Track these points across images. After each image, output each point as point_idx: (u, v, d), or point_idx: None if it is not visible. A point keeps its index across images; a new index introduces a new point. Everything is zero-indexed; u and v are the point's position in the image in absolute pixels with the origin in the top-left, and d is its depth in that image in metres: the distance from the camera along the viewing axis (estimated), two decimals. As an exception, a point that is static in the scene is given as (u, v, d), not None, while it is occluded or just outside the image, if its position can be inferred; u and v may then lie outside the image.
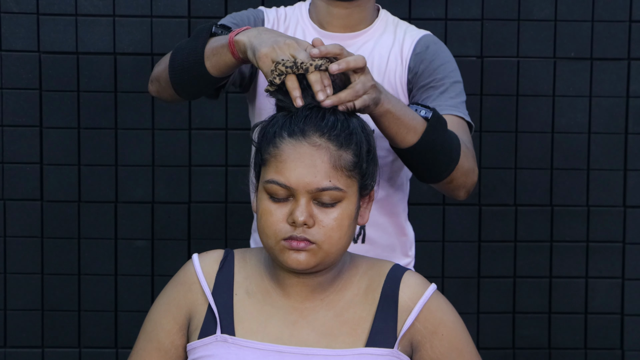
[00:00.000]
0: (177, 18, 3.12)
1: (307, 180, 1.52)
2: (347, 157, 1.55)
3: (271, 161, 1.55)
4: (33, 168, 3.15)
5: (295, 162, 1.53)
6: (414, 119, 1.79)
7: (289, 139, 1.54)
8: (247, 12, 2.12)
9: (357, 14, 2.08)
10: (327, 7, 2.07)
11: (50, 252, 3.17)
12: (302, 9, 2.13)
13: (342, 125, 1.56)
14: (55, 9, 3.11)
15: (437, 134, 1.82)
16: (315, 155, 1.53)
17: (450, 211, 3.20)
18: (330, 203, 1.54)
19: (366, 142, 1.59)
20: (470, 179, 1.96)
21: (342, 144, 1.55)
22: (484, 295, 3.21)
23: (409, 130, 1.78)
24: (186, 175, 3.16)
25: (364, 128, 1.61)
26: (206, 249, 1.76)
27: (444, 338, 1.61)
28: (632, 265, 3.21)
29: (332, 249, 1.56)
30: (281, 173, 1.53)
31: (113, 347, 3.20)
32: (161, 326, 1.66)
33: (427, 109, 1.83)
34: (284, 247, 1.55)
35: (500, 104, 3.17)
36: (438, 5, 3.13)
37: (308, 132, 1.54)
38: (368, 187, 1.61)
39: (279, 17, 2.11)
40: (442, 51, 2.07)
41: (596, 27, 3.15)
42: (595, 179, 3.19)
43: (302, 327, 1.60)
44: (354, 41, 2.07)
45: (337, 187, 1.54)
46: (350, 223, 1.57)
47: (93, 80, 3.12)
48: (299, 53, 1.60)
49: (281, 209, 1.55)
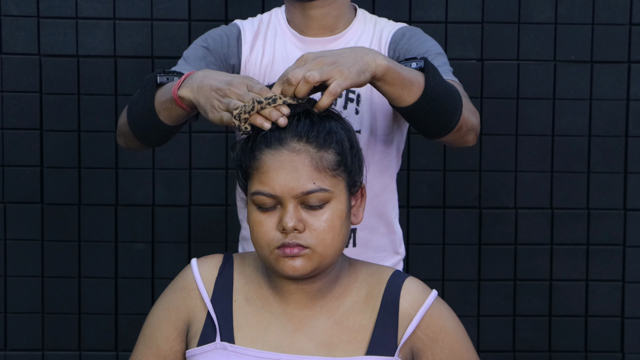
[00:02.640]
0: (178, 21, 3.12)
1: (290, 186, 1.52)
2: (329, 156, 1.55)
3: (254, 174, 1.56)
4: (33, 171, 3.15)
5: (277, 171, 1.53)
6: (411, 71, 1.74)
7: (268, 150, 1.54)
8: (220, 30, 2.11)
9: (334, 12, 2.07)
10: (302, 11, 2.06)
11: (50, 254, 3.17)
12: (279, 16, 2.12)
13: (318, 127, 1.56)
14: (55, 12, 3.11)
15: (437, 79, 1.78)
16: (296, 160, 1.53)
17: (451, 214, 3.20)
18: (319, 205, 1.54)
19: (347, 139, 1.59)
20: (477, 119, 1.91)
21: (321, 145, 1.55)
22: (484, 298, 3.22)
23: (412, 83, 1.73)
24: (186, 178, 3.16)
25: (343, 126, 1.60)
26: (206, 252, 1.76)
27: (444, 345, 1.61)
28: (632, 268, 3.21)
29: (326, 251, 1.55)
30: (265, 183, 1.53)
31: (113, 349, 3.20)
32: (160, 332, 1.66)
33: (417, 60, 1.79)
34: (279, 255, 1.54)
35: (501, 106, 3.17)
36: (438, 8, 3.13)
37: (285, 140, 1.54)
38: (357, 184, 1.61)
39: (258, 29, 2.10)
40: (419, 33, 2.06)
41: (596, 30, 3.15)
42: (596, 181, 3.19)
43: (301, 335, 1.60)
44: (335, 44, 2.07)
45: (322, 188, 1.54)
46: (343, 223, 1.57)
47: (93, 83, 3.12)
48: (244, 95, 1.57)
49: (270, 218, 1.55)
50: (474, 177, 3.19)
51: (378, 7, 3.10)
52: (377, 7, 3.10)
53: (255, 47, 2.08)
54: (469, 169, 3.19)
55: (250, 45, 2.08)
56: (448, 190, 3.19)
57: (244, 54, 2.08)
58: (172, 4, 3.12)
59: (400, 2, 3.13)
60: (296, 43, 2.08)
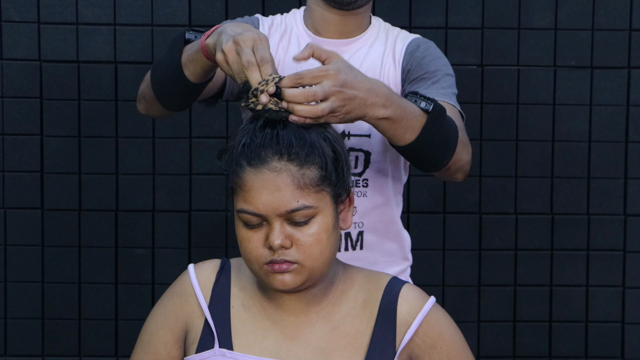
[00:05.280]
0: (178, 27, 3.12)
1: (274, 205, 1.52)
2: (311, 173, 1.53)
3: (238, 191, 1.55)
4: (33, 176, 3.15)
5: (259, 190, 1.52)
6: (413, 117, 1.76)
7: (249, 168, 1.53)
8: (242, 19, 2.13)
9: (353, 21, 2.10)
10: (324, 13, 2.09)
11: (50, 260, 3.17)
12: (296, 16, 2.15)
13: (298, 142, 1.53)
14: (56, 18, 3.11)
15: (436, 126, 1.79)
16: (277, 179, 1.52)
17: (451, 219, 3.20)
18: (304, 220, 1.54)
19: (331, 151, 1.56)
20: (468, 156, 1.96)
21: (303, 162, 1.53)
22: (484, 303, 3.21)
23: (406, 130, 1.75)
24: (187, 184, 3.16)
25: (326, 137, 1.58)
26: (206, 257, 1.76)
27: (442, 352, 1.61)
28: (632, 273, 3.21)
29: (315, 264, 1.55)
30: (249, 202, 1.53)
31: (113, 355, 3.20)
32: (158, 337, 1.66)
33: (428, 101, 1.80)
34: (268, 271, 1.54)
35: (501, 112, 3.17)
36: (438, 14, 3.14)
37: (266, 159, 1.52)
38: (342, 195, 1.60)
39: (274, 24, 2.13)
40: (433, 49, 2.09)
41: (596, 36, 3.15)
42: (596, 187, 3.19)
43: (298, 342, 1.60)
44: (348, 47, 2.09)
45: (306, 205, 1.53)
46: (330, 235, 1.56)
47: (94, 89, 3.13)
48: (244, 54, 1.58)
49: (257, 234, 1.54)
50: (474, 183, 3.19)
51: (378, 13, 3.10)
52: (377, 14, 3.10)
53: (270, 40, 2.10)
54: (469, 174, 3.17)
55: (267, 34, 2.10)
56: (448, 196, 3.19)
57: None
58: (173, 9, 3.13)
59: (400, 8, 3.13)
60: (308, 42, 2.08)
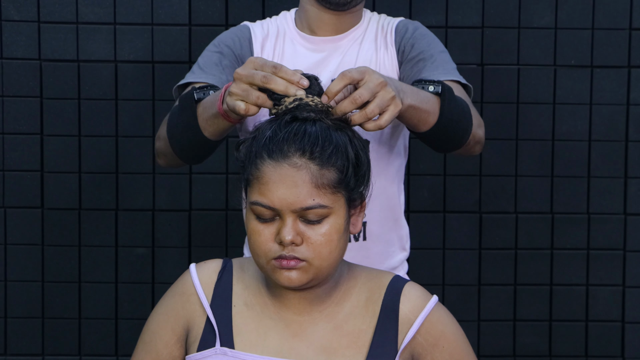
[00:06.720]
0: (178, 26, 3.12)
1: (290, 201, 1.51)
2: (330, 175, 1.53)
3: (254, 182, 1.54)
4: (34, 175, 3.15)
5: (277, 184, 1.51)
6: (428, 100, 1.81)
7: (269, 160, 1.52)
8: (230, 33, 2.14)
9: (349, 19, 2.15)
10: (319, 14, 2.13)
11: (50, 259, 3.17)
12: (287, 19, 2.17)
13: (323, 142, 1.53)
14: (56, 17, 3.11)
15: (451, 105, 1.86)
16: (296, 175, 1.51)
17: (451, 219, 3.20)
18: (317, 220, 1.53)
19: (354, 155, 1.56)
20: (483, 130, 2.02)
21: (324, 162, 1.52)
22: (484, 302, 3.21)
23: (428, 114, 1.81)
24: (187, 183, 3.16)
25: (352, 140, 1.58)
26: (207, 256, 1.76)
27: (444, 350, 1.61)
28: (632, 272, 3.21)
29: (323, 264, 1.55)
30: (264, 195, 1.53)
31: (113, 354, 3.20)
32: (159, 337, 1.66)
33: (435, 84, 1.86)
34: (275, 266, 1.54)
35: (501, 111, 3.17)
36: (438, 13, 3.14)
37: (288, 153, 1.52)
38: (357, 200, 1.59)
39: (267, 31, 2.14)
40: (420, 27, 2.15)
41: (596, 35, 3.15)
42: (596, 186, 3.19)
43: (301, 340, 1.60)
44: (343, 42, 2.13)
45: (321, 204, 1.52)
46: (340, 236, 1.56)
47: (94, 88, 3.13)
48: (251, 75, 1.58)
49: (269, 228, 1.54)
50: (474, 182, 3.19)
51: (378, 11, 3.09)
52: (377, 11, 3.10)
53: (265, 47, 2.12)
54: (469, 173, 3.19)
55: (261, 45, 2.13)
56: (448, 195, 3.20)
57: (256, 54, 2.11)
58: (173, 9, 3.13)
59: (400, 7, 3.13)
60: (304, 44, 2.13)
